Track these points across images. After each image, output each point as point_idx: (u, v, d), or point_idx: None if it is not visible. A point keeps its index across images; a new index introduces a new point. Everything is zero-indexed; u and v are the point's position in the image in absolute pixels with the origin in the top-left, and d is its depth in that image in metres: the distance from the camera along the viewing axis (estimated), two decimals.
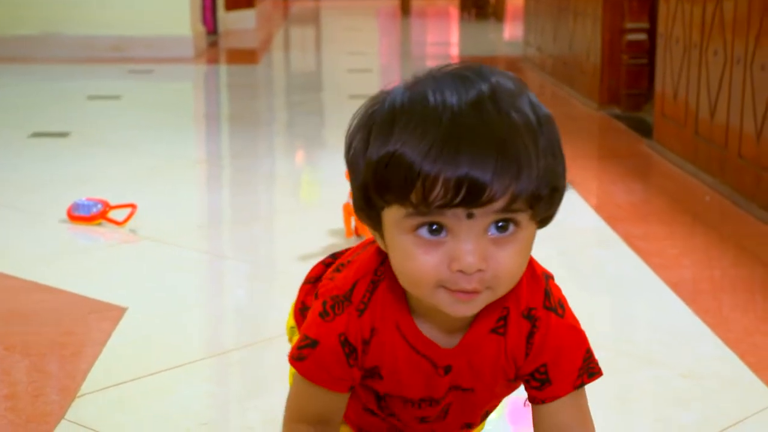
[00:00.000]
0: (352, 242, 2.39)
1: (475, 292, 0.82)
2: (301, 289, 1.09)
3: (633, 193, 3.03)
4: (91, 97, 4.67)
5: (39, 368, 1.68)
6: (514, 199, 0.78)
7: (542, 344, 0.93)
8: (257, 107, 4.76)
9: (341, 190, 2.46)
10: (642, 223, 2.63)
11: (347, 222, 2.39)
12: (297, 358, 0.94)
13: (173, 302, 2.01)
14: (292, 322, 1.13)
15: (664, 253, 2.36)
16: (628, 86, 4.22)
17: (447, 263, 0.80)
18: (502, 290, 0.84)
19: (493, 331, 0.92)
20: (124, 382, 1.61)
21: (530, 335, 0.92)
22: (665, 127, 3.46)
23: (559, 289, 0.96)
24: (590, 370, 0.95)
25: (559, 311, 0.94)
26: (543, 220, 0.84)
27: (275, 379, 1.70)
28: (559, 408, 0.95)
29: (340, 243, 2.39)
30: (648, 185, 3.19)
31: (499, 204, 0.78)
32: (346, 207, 2.38)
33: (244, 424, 1.50)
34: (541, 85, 5.09)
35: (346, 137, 0.86)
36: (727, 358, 1.73)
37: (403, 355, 0.92)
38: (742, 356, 1.73)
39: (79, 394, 1.57)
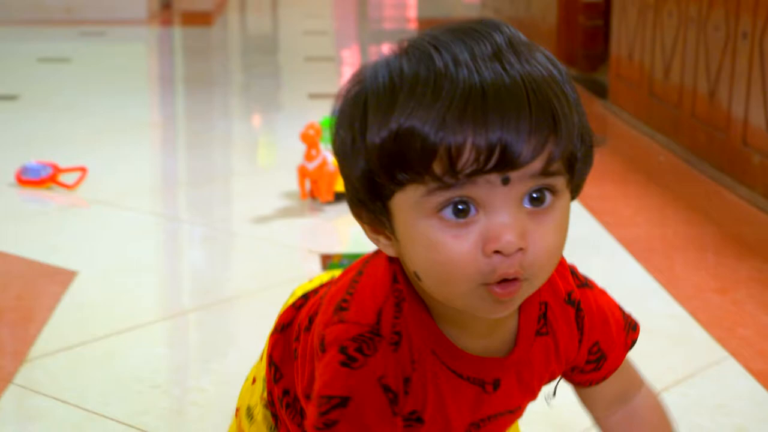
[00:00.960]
0: (307, 204, 2.38)
1: (516, 281, 0.69)
2: (270, 339, 0.90)
3: None
4: (42, 60, 4.59)
5: None
6: (551, 160, 0.67)
7: (589, 324, 0.82)
8: (212, 70, 4.71)
9: (296, 152, 2.45)
10: (596, 183, 2.64)
11: (302, 184, 2.38)
12: (324, 426, 0.73)
13: (125, 265, 1.99)
14: (260, 373, 0.93)
15: (618, 212, 2.38)
16: (585, 47, 4.23)
17: (481, 246, 0.67)
18: (541, 278, 0.71)
19: (538, 333, 0.79)
20: (75, 346, 1.59)
21: (579, 321, 0.81)
22: (620, 88, 3.47)
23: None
24: (630, 324, 0.86)
25: (589, 283, 0.84)
26: (575, 188, 0.73)
27: (229, 341, 1.69)
28: (615, 377, 0.86)
29: (294, 205, 2.37)
30: (602, 146, 3.21)
31: (537, 165, 0.67)
32: (300, 169, 2.37)
33: (197, 387, 1.49)
34: None
35: (330, 126, 0.73)
36: (678, 316, 1.75)
37: (446, 386, 0.77)
38: (693, 313, 1.75)
39: (28, 359, 1.54)
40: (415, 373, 0.75)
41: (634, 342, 0.86)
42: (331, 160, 2.37)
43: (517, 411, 0.83)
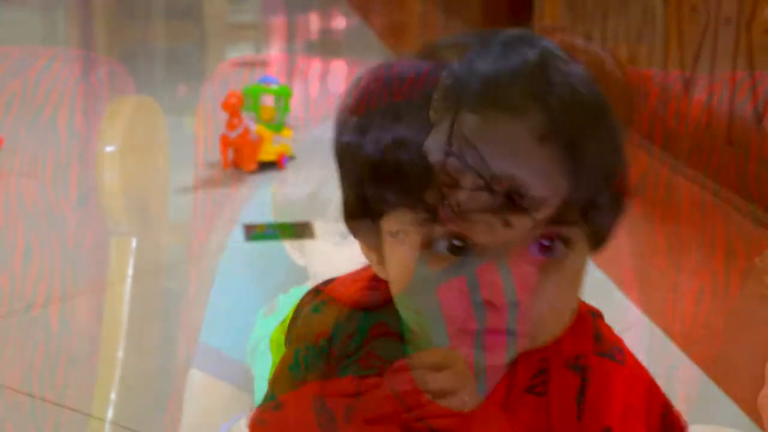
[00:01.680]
0: (229, 174, 2.36)
1: (504, 334, 0.61)
2: None
3: None
4: None
5: None
6: (567, 207, 0.59)
7: (599, 402, 0.70)
8: (134, 37, 4.62)
9: (219, 121, 2.42)
10: None
11: (224, 153, 2.36)
12: (256, 422, 0.70)
13: (43, 237, 1.95)
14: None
15: None
16: (510, 17, 4.25)
17: (471, 292, 0.60)
18: (543, 337, 0.63)
19: (530, 390, 0.68)
20: None
21: (581, 391, 0.70)
22: None
23: (612, 330, 0.75)
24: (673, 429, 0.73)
25: (618, 357, 0.72)
26: (598, 241, 0.64)
27: (154, 313, 1.68)
28: None
29: (217, 175, 2.36)
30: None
31: (547, 211, 0.58)
32: (222, 138, 2.35)
33: (120, 360, 1.47)
34: (424, 16, 5.08)
35: (334, 123, 0.66)
36: (595, 279, 1.78)
37: (399, 424, 0.69)
38: (611, 276, 1.78)
39: None
40: (362, 401, 0.69)
41: None
42: (254, 128, 2.35)
43: None
